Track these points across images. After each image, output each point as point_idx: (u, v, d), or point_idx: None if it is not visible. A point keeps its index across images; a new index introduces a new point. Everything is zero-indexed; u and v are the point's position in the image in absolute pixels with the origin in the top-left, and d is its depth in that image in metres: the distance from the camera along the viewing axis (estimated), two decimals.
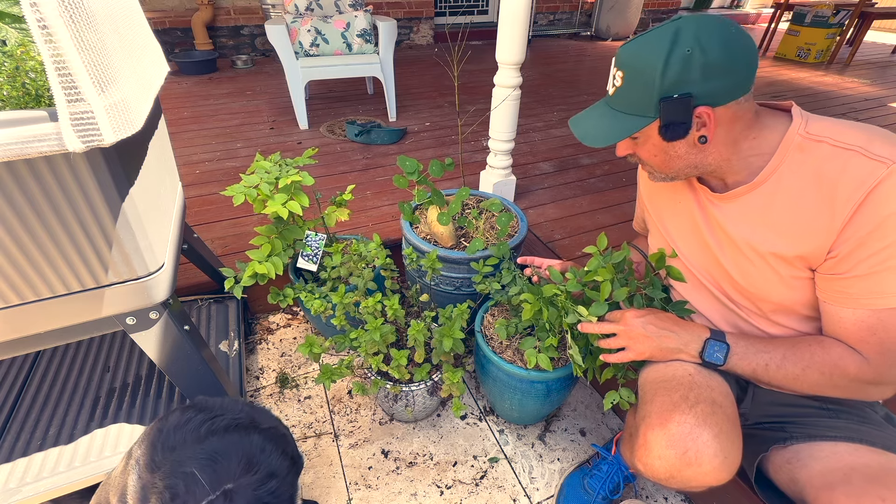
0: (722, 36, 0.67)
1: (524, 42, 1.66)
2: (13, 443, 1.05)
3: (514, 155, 2.03)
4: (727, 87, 0.69)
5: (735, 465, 0.75)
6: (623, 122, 0.76)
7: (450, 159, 1.38)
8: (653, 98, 0.71)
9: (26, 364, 1.25)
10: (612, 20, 5.86)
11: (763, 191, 0.77)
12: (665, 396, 0.80)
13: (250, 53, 4.59)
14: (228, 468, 0.64)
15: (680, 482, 0.76)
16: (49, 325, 0.79)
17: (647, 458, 0.77)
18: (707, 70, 0.67)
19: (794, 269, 0.76)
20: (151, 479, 0.63)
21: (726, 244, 0.84)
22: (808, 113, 0.75)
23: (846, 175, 0.67)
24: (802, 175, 0.72)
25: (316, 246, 1.37)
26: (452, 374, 1.14)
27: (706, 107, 0.70)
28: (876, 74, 4.81)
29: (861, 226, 0.67)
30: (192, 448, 0.65)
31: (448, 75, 4.10)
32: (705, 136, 0.73)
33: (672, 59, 0.68)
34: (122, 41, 0.70)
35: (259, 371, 1.51)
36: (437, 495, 1.18)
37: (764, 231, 0.77)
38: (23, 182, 0.64)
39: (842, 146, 0.69)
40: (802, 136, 0.72)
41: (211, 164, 2.45)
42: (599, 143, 0.78)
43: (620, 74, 0.75)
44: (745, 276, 0.82)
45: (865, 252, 0.67)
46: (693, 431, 0.74)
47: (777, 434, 0.84)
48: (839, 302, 0.72)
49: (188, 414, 0.70)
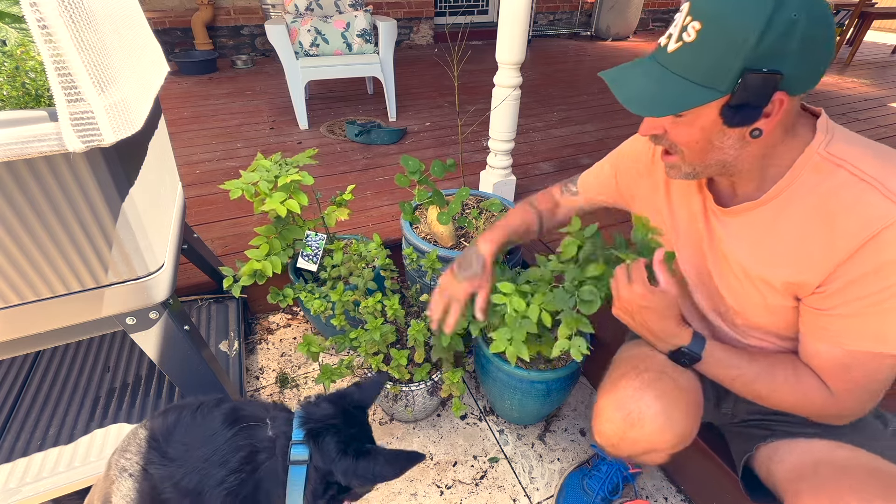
0: (825, 7, 0.56)
1: (524, 42, 1.66)
2: (13, 443, 1.05)
3: (514, 155, 2.03)
4: (813, 72, 0.58)
5: (682, 430, 0.77)
6: (682, 90, 0.61)
7: (451, 160, 1.38)
8: (733, 67, 0.57)
9: (26, 364, 1.25)
10: (612, 20, 5.86)
11: (769, 209, 0.70)
12: (620, 369, 0.85)
13: (250, 53, 4.59)
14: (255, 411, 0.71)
15: (629, 444, 0.78)
16: (49, 325, 0.79)
17: (599, 424, 0.82)
18: (807, 45, 0.55)
19: (781, 297, 0.72)
20: (171, 471, 0.65)
21: (719, 257, 0.80)
22: (833, 125, 0.68)
23: (855, 210, 0.61)
24: (812, 199, 0.66)
25: (316, 246, 1.37)
26: (452, 374, 1.14)
27: (784, 93, 0.58)
28: (876, 74, 4.81)
29: (857, 266, 0.62)
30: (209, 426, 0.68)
31: (448, 75, 4.10)
32: (761, 129, 0.62)
33: (775, 20, 0.54)
34: (122, 41, 0.70)
35: (259, 371, 1.51)
36: (437, 495, 1.18)
37: (758, 253, 0.73)
38: (23, 182, 0.64)
39: (860, 176, 0.62)
40: (821, 157, 0.65)
41: (211, 164, 2.45)
42: (647, 111, 0.64)
43: (696, 26, 0.59)
44: (730, 291, 0.80)
45: (854, 293, 0.63)
46: (635, 394, 0.77)
47: (762, 432, 0.85)
48: (817, 336, 0.69)
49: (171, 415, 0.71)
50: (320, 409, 0.74)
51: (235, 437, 0.68)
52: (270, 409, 0.76)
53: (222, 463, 0.66)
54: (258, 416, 0.73)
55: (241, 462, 0.67)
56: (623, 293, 0.78)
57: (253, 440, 0.69)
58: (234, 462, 0.66)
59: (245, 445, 0.68)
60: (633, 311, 0.79)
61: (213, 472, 0.65)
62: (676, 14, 0.63)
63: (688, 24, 0.60)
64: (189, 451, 0.66)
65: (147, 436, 0.68)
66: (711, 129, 0.64)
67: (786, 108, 0.60)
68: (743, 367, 0.76)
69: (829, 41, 0.57)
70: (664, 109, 0.63)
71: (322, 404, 0.75)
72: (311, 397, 0.79)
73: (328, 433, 0.70)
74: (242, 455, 0.67)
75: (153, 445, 0.67)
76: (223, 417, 0.70)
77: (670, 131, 0.68)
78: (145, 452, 0.66)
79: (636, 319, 0.80)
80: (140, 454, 0.67)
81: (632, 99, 0.65)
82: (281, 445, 0.69)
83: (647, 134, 0.72)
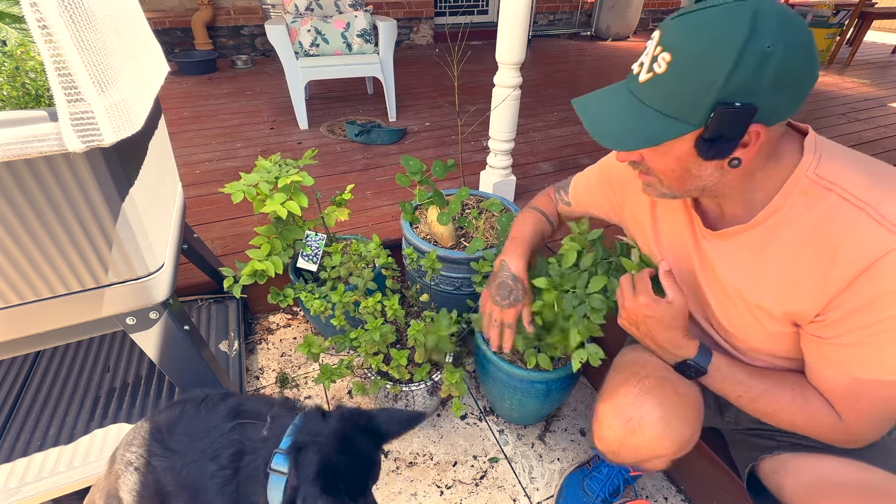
0: (804, 34, 0.53)
1: (524, 42, 1.65)
2: (13, 443, 1.05)
3: (514, 155, 2.03)
4: (789, 103, 0.56)
5: (682, 437, 0.76)
6: (654, 123, 0.59)
7: (452, 160, 1.39)
8: (705, 100, 0.55)
9: (26, 364, 1.25)
10: (612, 20, 5.86)
11: (759, 232, 0.68)
12: (621, 374, 0.84)
13: (250, 53, 4.59)
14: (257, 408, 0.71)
15: (630, 451, 0.78)
16: (49, 325, 0.79)
17: (600, 431, 0.81)
18: (781, 78, 0.53)
19: (779, 324, 0.70)
20: (173, 462, 0.65)
21: (713, 281, 0.78)
22: (821, 143, 0.65)
23: (849, 238, 0.59)
24: (803, 225, 0.64)
25: (316, 246, 1.37)
26: (452, 374, 1.14)
27: (760, 125, 0.56)
28: (876, 74, 4.81)
29: (855, 296, 0.60)
30: (211, 419, 0.68)
31: (448, 75, 4.10)
32: (740, 158, 0.60)
33: (747, 54, 0.51)
34: (122, 41, 0.70)
35: (259, 371, 1.51)
36: (437, 495, 1.18)
37: (752, 279, 0.71)
38: (23, 182, 0.64)
39: (851, 201, 0.60)
40: (811, 180, 0.63)
41: (211, 164, 2.45)
42: (619, 145, 0.63)
43: (666, 58, 0.57)
44: (727, 316, 0.78)
45: (854, 323, 0.61)
46: (636, 401, 0.77)
47: (767, 442, 0.84)
48: (821, 363, 0.67)
49: (176, 408, 0.71)
50: (322, 424, 0.69)
51: (231, 433, 0.67)
52: (275, 406, 0.74)
53: (214, 457, 0.65)
54: (258, 413, 0.72)
55: (229, 459, 0.65)
56: (628, 304, 0.78)
57: (243, 438, 0.67)
58: (224, 458, 0.65)
59: (235, 442, 0.66)
60: (638, 321, 0.78)
61: (206, 466, 0.64)
62: (648, 41, 0.61)
63: (658, 54, 0.58)
64: (191, 443, 0.66)
65: (151, 428, 0.68)
66: (687, 159, 0.62)
67: (763, 139, 0.58)
68: (749, 383, 0.74)
69: (810, 69, 0.55)
70: (635, 144, 0.62)
71: (331, 418, 0.70)
72: (338, 409, 0.73)
73: (313, 451, 0.64)
74: (231, 452, 0.66)
75: (156, 437, 0.67)
76: (226, 411, 0.70)
77: (647, 158, 0.67)
78: (149, 444, 0.67)
79: (641, 330, 0.79)
80: (144, 446, 0.67)
81: (604, 133, 0.63)
82: (267, 450, 0.66)
83: (624, 161, 0.71)
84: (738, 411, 0.92)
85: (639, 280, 0.78)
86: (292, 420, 0.70)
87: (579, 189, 1.06)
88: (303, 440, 0.65)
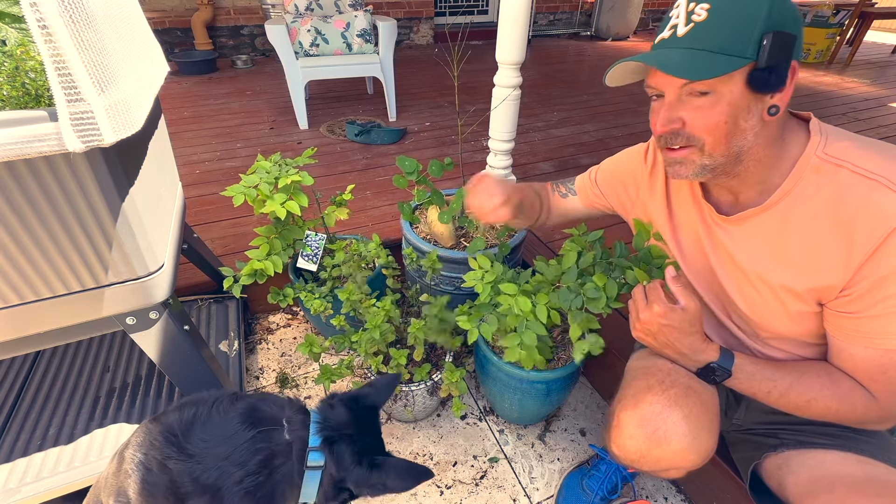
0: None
1: (524, 42, 1.65)
2: (13, 443, 1.05)
3: (514, 155, 2.03)
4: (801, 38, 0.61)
5: (706, 450, 0.75)
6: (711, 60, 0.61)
7: (449, 159, 1.38)
8: (754, 32, 0.58)
9: (26, 364, 1.25)
10: (612, 20, 5.86)
11: (774, 214, 0.70)
12: (642, 380, 0.82)
13: (250, 53, 4.59)
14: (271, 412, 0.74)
15: (651, 462, 0.77)
16: (49, 325, 0.79)
17: (620, 439, 0.80)
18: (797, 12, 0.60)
19: (803, 303, 0.71)
20: (191, 466, 0.66)
21: (731, 270, 0.78)
22: (826, 127, 0.68)
23: (867, 209, 0.61)
24: (818, 202, 0.65)
25: (316, 246, 1.37)
26: (452, 373, 1.14)
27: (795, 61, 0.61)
28: (876, 74, 4.81)
29: (880, 265, 0.61)
30: (228, 424, 0.70)
31: (448, 75, 4.10)
32: (778, 106, 0.63)
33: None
34: (121, 41, 0.70)
35: (259, 371, 1.51)
36: (437, 495, 1.18)
37: (773, 261, 0.71)
38: (23, 182, 0.64)
39: (863, 174, 0.62)
40: (820, 158, 0.65)
41: (211, 164, 2.45)
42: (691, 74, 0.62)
43: (705, 6, 0.61)
44: (748, 303, 0.78)
45: (882, 293, 0.62)
46: (663, 412, 0.75)
47: (770, 440, 0.84)
48: (849, 339, 0.68)
49: (188, 411, 0.71)
50: (336, 415, 0.75)
51: (254, 440, 0.70)
52: (286, 408, 0.77)
53: (241, 464, 0.68)
54: (275, 418, 0.74)
55: (259, 465, 0.69)
56: (643, 315, 0.77)
57: (271, 444, 0.71)
58: (253, 465, 0.68)
59: (263, 449, 0.70)
60: (655, 331, 0.77)
61: (232, 472, 0.67)
62: (672, 10, 0.65)
63: (692, 9, 0.62)
64: (208, 448, 0.68)
65: (164, 430, 0.69)
66: (738, 103, 0.62)
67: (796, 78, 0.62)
68: (776, 377, 0.74)
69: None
70: (702, 74, 0.61)
71: (338, 408, 0.76)
72: (331, 398, 0.79)
73: (343, 442, 0.72)
74: (260, 458, 0.69)
75: (172, 441, 0.68)
76: (241, 417, 0.71)
77: (690, 121, 0.66)
78: (163, 447, 0.67)
79: (659, 340, 0.78)
80: (158, 449, 0.67)
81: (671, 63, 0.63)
82: (298, 450, 0.71)
83: (667, 129, 0.68)
84: (745, 412, 0.92)
85: (651, 290, 0.77)
86: (306, 419, 0.75)
87: (586, 183, 1.06)
88: (331, 435, 0.72)
